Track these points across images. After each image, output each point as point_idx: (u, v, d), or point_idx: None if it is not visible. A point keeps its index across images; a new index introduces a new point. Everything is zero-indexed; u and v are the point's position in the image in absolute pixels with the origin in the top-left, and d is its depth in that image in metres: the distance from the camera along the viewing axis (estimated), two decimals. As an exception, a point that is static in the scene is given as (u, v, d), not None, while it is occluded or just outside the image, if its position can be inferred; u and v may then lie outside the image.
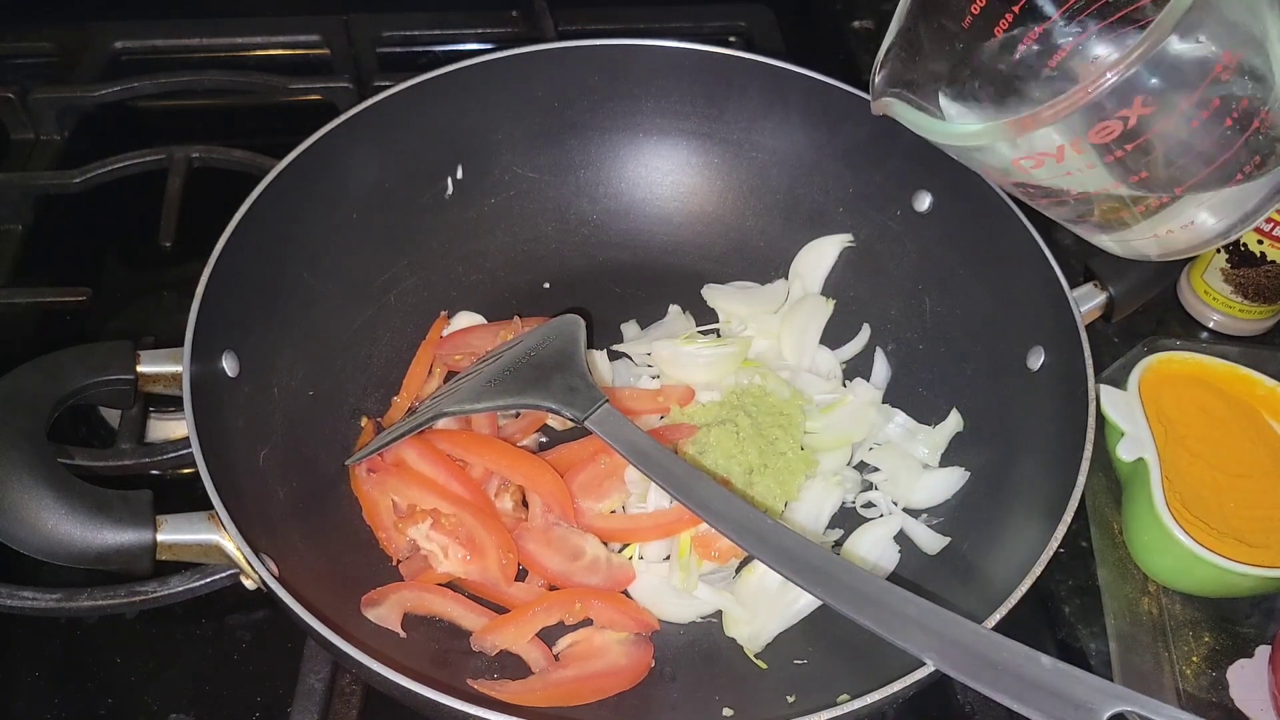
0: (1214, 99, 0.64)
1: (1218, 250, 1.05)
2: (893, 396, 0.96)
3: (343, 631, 0.65)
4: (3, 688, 0.82)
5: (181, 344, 0.75)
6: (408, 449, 0.85)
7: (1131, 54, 0.60)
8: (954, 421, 0.92)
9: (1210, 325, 1.10)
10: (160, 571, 0.70)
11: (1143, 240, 0.75)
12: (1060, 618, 0.89)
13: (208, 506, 0.68)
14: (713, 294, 1.02)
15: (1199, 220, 0.72)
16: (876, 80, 0.80)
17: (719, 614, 0.84)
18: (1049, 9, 0.77)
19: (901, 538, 0.88)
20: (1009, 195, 0.88)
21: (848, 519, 0.90)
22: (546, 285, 1.04)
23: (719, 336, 0.99)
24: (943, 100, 0.80)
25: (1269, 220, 0.99)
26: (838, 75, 0.96)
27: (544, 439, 0.93)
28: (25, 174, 1.14)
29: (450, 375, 0.95)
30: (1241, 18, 0.63)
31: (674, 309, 1.02)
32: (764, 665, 0.82)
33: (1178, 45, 0.61)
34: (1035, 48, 0.78)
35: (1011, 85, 0.80)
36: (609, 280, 1.05)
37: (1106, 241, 0.79)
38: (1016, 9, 0.76)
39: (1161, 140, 0.65)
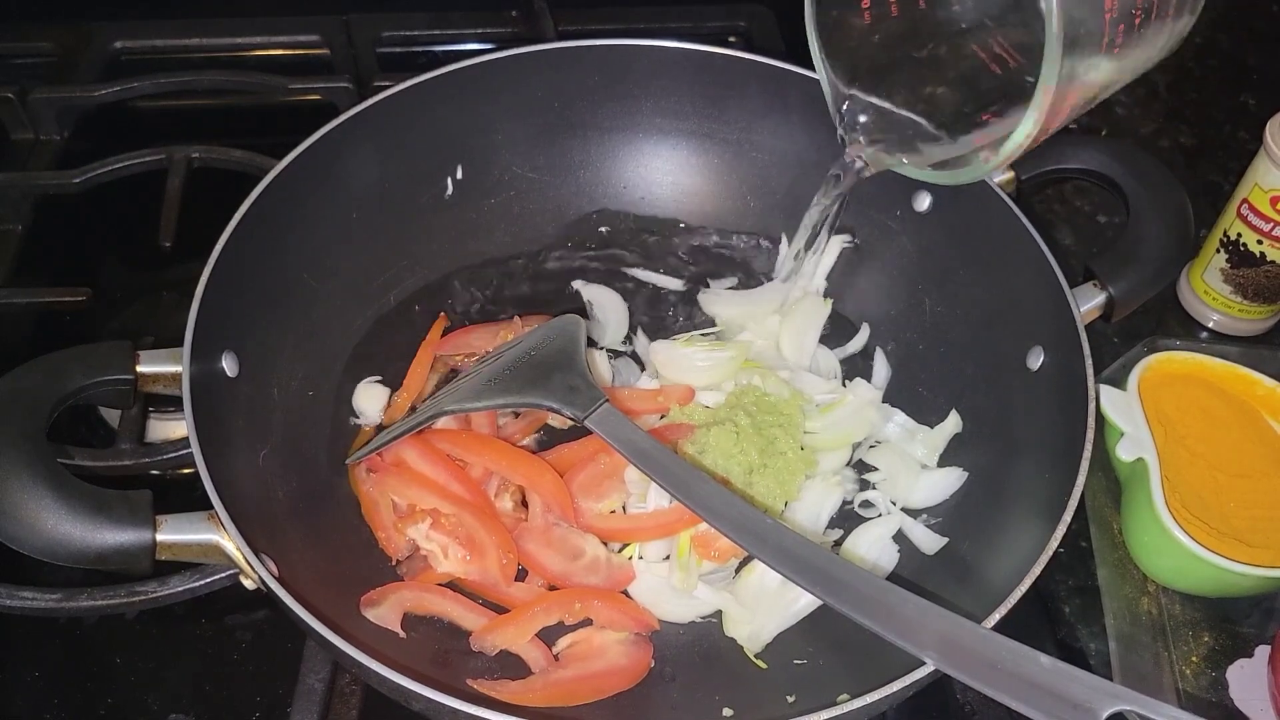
0: None
1: (1217, 250, 1.05)
2: (892, 396, 0.96)
3: (342, 631, 0.65)
4: (3, 688, 0.81)
5: (181, 344, 0.75)
6: (407, 449, 0.85)
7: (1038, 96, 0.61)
8: (953, 423, 0.92)
9: (1210, 325, 1.10)
10: (160, 571, 0.70)
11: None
12: (1060, 618, 0.89)
13: (207, 506, 0.68)
14: (709, 299, 1.02)
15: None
16: (866, 153, 0.79)
17: (719, 614, 0.84)
18: None
19: (900, 538, 0.88)
20: (1008, 195, 0.89)
21: (847, 519, 0.90)
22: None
23: (719, 338, 0.99)
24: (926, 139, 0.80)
25: (1268, 220, 0.99)
26: (837, 75, 0.96)
27: (544, 439, 0.93)
28: (25, 174, 1.14)
29: (450, 375, 0.95)
30: None
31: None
32: (764, 665, 0.81)
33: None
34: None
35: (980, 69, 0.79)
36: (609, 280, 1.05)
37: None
38: None
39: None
